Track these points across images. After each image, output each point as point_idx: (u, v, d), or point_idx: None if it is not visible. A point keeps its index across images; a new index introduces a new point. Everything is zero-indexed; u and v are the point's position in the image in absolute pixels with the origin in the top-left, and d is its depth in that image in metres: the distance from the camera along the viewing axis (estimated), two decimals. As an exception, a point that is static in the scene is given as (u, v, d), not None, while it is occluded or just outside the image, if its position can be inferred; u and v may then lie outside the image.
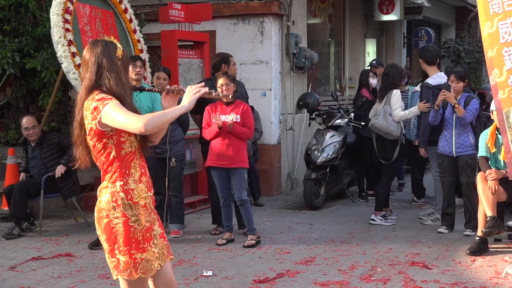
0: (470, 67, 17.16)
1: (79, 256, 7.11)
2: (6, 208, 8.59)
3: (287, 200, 10.53)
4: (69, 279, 6.26)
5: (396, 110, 8.39)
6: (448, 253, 7.12)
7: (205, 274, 6.33)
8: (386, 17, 14.98)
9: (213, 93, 4.08)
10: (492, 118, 7.20)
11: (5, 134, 9.75)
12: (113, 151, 3.70)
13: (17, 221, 8.03)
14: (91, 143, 3.75)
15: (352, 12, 14.49)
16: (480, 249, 7.02)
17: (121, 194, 3.67)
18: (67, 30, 7.86)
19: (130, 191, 3.69)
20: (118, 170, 3.70)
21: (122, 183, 3.69)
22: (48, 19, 8.26)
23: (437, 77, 8.42)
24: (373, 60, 11.53)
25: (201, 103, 8.09)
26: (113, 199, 3.68)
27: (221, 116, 7.37)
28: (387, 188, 8.83)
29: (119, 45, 3.82)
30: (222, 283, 6.10)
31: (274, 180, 10.94)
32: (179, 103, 3.80)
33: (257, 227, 7.84)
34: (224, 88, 7.34)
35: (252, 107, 8.19)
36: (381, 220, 8.61)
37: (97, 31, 8.46)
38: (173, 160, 7.78)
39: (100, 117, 3.62)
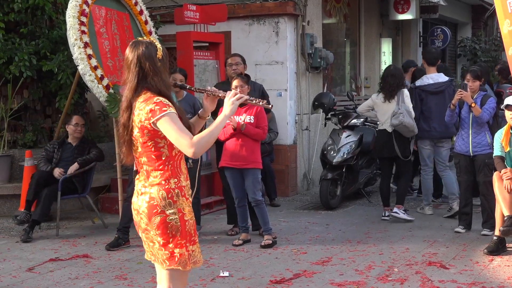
0: (487, 65, 17.05)
1: (96, 257, 7.14)
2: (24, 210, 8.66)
3: (303, 201, 10.51)
4: (86, 280, 6.29)
5: (412, 109, 8.55)
6: (466, 252, 7.09)
7: (221, 274, 6.33)
8: (401, 16, 14.93)
9: (253, 101, 4.13)
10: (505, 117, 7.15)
11: (23, 137, 9.80)
12: (166, 150, 3.82)
13: (34, 224, 8.05)
14: (141, 140, 3.82)
15: (368, 12, 14.46)
16: (498, 248, 6.98)
17: (177, 190, 3.81)
18: (83, 32, 7.89)
19: (183, 188, 3.85)
20: (172, 168, 3.83)
21: (176, 180, 3.82)
22: (64, 21, 8.31)
23: (425, 78, 9.07)
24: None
25: (217, 105, 8.11)
26: (169, 196, 3.79)
27: (235, 117, 7.39)
28: (408, 183, 9.11)
29: (159, 46, 3.89)
30: (238, 283, 6.11)
31: (290, 180, 10.93)
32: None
33: (274, 227, 7.84)
34: (239, 90, 7.36)
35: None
36: (403, 213, 8.67)
37: (113, 33, 8.50)
38: (190, 161, 7.79)
39: (156, 121, 3.71)
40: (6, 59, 9.24)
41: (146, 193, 3.84)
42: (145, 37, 4.01)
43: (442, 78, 9.00)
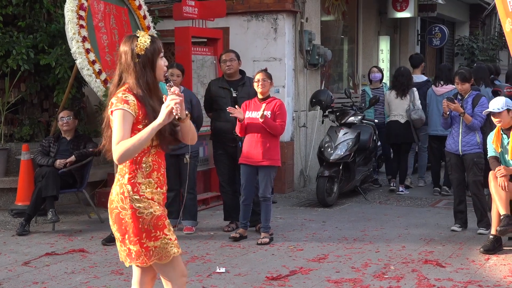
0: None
1: (93, 252, 7.13)
2: (20, 203, 8.65)
3: (300, 198, 10.52)
4: (82, 274, 6.29)
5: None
6: (462, 251, 7.10)
7: (218, 270, 6.33)
8: (399, 14, 14.93)
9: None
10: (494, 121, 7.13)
11: (20, 130, 9.78)
12: None
13: (29, 218, 8.03)
14: (108, 133, 3.82)
15: (366, 9, 14.45)
16: (494, 247, 6.99)
17: (128, 186, 3.75)
18: (81, 26, 7.87)
19: (137, 185, 3.76)
20: (129, 164, 3.77)
21: (130, 176, 3.76)
22: (63, 15, 8.28)
23: (416, 78, 11.18)
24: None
25: (210, 101, 8.15)
26: (121, 191, 3.76)
27: (253, 112, 7.41)
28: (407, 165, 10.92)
29: (140, 41, 3.80)
30: (235, 279, 6.11)
31: (287, 177, 10.93)
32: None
33: (270, 224, 7.83)
34: (260, 84, 7.38)
35: None
36: (406, 191, 10.68)
37: (111, 28, 8.47)
38: (187, 157, 7.79)
39: (111, 112, 3.73)
40: (4, 53, 9.22)
41: (112, 188, 3.88)
42: (141, 32, 3.91)
43: (420, 78, 11.31)
